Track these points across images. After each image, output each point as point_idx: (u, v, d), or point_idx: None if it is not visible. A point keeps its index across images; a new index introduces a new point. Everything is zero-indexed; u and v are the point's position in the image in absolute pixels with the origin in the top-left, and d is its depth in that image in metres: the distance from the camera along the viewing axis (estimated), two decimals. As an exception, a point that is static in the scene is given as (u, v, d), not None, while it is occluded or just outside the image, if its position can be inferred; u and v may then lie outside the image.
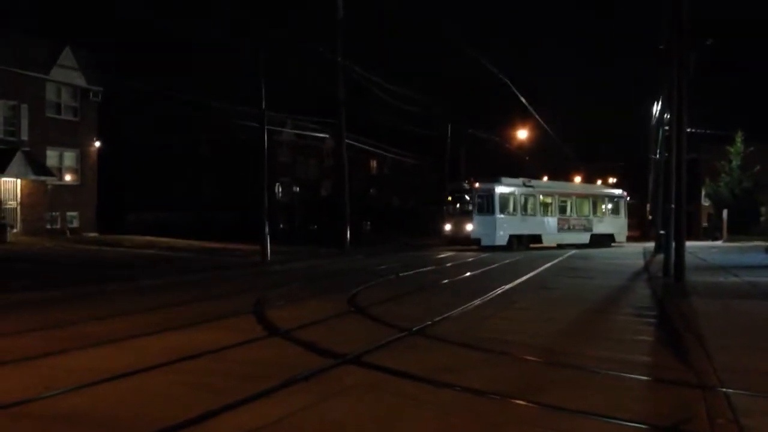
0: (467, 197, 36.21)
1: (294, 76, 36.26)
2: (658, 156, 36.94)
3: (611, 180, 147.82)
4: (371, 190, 62.03)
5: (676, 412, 5.98)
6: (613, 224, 44.48)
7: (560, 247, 39.11)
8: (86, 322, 11.03)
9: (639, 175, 69.79)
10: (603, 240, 42.12)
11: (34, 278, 16.77)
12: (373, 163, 64.56)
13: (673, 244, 17.83)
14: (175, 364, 7.74)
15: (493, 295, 14.97)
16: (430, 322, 10.71)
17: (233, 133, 39.68)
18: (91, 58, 34.81)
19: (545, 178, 57.64)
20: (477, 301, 13.66)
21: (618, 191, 47.69)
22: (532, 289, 16.58)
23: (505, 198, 36.86)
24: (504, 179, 37.36)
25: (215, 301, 14.13)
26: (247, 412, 5.86)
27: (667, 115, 25.28)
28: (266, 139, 24.69)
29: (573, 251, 35.90)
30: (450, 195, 37.91)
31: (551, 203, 40.25)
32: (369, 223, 50.65)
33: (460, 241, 35.73)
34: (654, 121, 38.48)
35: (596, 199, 43.85)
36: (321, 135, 45.29)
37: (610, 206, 44.39)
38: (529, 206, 38.67)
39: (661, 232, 26.01)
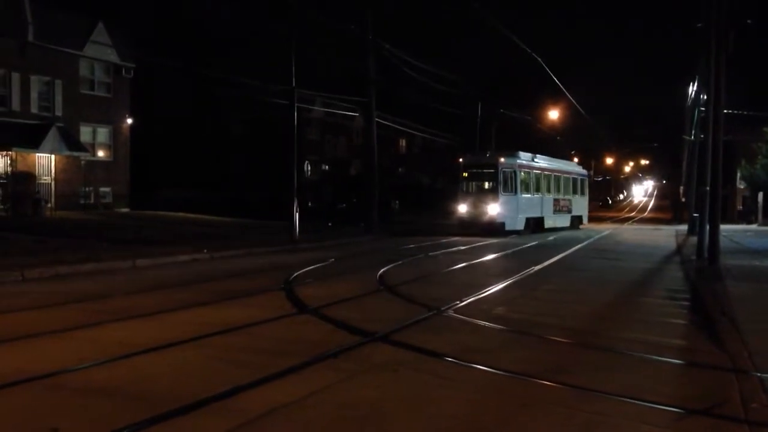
0: (490, 173, 31.09)
1: (324, 54, 36.16)
2: (693, 137, 36.31)
3: (643, 162, 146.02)
4: (400, 169, 61.97)
5: (709, 396, 5.89)
6: (582, 205, 41.24)
7: (548, 230, 34.53)
8: (119, 295, 11.20)
9: (673, 157, 68.82)
10: (575, 222, 39.19)
11: (71, 252, 17.03)
12: (403, 142, 64.46)
13: (707, 227, 17.55)
14: (206, 338, 7.83)
15: (523, 276, 14.88)
16: (459, 302, 10.69)
17: (262, 111, 39.77)
18: (124, 34, 35.04)
19: (575, 160, 56.88)
20: (506, 282, 13.59)
21: (582, 169, 43.66)
22: (561, 271, 16.45)
23: (524, 175, 32.34)
24: (521, 154, 32.97)
25: (245, 277, 14.23)
26: (277, 388, 5.90)
27: (703, 96, 24.78)
28: (296, 117, 24.69)
29: (604, 232, 35.51)
30: (466, 171, 32.27)
31: (550, 182, 35.74)
32: (398, 202, 50.61)
33: (481, 225, 30.47)
34: (690, 101, 37.81)
35: (574, 178, 39.95)
36: (350, 113, 45.21)
37: (580, 186, 40.92)
38: (537, 185, 34.15)
39: (695, 214, 25.62)
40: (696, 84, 33.42)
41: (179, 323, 8.83)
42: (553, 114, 59.28)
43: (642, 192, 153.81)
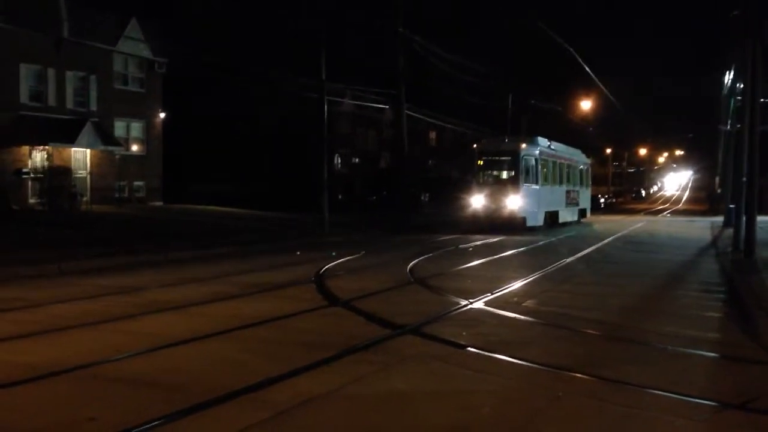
0: (509, 161, 27.57)
1: (354, 47, 36.17)
2: (728, 127, 35.65)
3: (678, 152, 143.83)
4: (430, 162, 61.79)
5: (745, 390, 5.79)
6: (587, 197, 37.73)
7: (561, 225, 30.90)
8: (154, 288, 11.35)
9: (708, 148, 67.70)
10: (580, 215, 35.71)
11: (107, 246, 17.31)
12: (433, 135, 64.20)
13: (744, 219, 17.26)
14: (237, 331, 7.91)
15: (554, 268, 14.77)
16: (489, 294, 10.65)
17: (292, 105, 39.93)
18: (156, 29, 35.38)
19: (608, 151, 56.07)
20: (537, 274, 13.51)
21: (585, 157, 38.77)
22: (592, 264, 16.29)
23: (543, 164, 28.68)
24: (540, 140, 29.41)
25: (276, 270, 14.32)
26: (308, 380, 5.94)
27: (739, 85, 24.32)
28: (326, 110, 24.76)
29: (637, 224, 35.05)
30: (481, 158, 28.51)
31: (563, 172, 32.12)
32: (427, 195, 50.51)
33: (499, 220, 26.87)
34: (725, 90, 37.10)
35: (581, 167, 36.17)
36: (380, 106, 45.18)
37: (586, 176, 37.46)
38: (553, 175, 30.64)
39: (731, 206, 25.19)
40: (732, 73, 32.81)
41: (212, 316, 8.92)
42: (585, 105, 58.59)
43: (676, 183, 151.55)
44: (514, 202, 26.80)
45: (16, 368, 6.13)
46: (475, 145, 29.68)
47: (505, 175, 28.03)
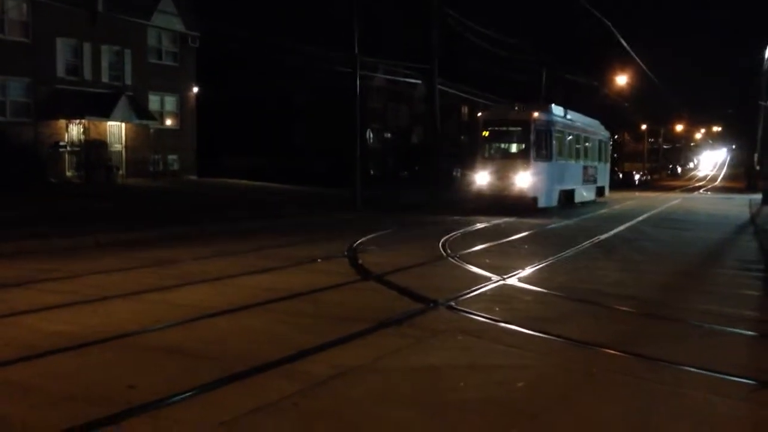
0: (519, 133, 24.27)
1: (387, 20, 35.89)
2: (769, 103, 34.79)
3: (715, 129, 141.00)
4: (462, 137, 61.39)
5: (784, 370, 5.73)
6: (605, 174, 34.35)
7: (577, 205, 27.83)
8: (189, 260, 11.51)
9: (747, 124, 66.36)
10: (598, 194, 32.53)
11: (142, 218, 17.56)
12: (465, 110, 63.70)
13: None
14: (271, 303, 8.00)
15: (587, 245, 14.65)
16: (521, 271, 10.61)
17: (325, 79, 39.87)
18: (189, 3, 35.48)
19: (644, 127, 54.86)
20: (569, 251, 13.41)
21: (605, 129, 35.11)
22: (627, 241, 16.11)
23: (558, 136, 25.26)
24: (554, 108, 26.05)
25: (308, 244, 14.39)
26: (342, 352, 6.00)
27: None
28: (358, 84, 24.64)
29: (672, 202, 34.51)
30: (487, 129, 25.03)
31: (580, 145, 28.83)
32: (460, 170, 50.26)
33: (507, 199, 23.71)
34: (766, 65, 36.20)
35: (600, 140, 32.84)
36: (413, 81, 44.86)
37: (604, 150, 34.25)
38: (569, 149, 27.27)
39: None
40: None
41: (246, 288, 9.03)
42: (621, 79, 57.55)
43: (713, 160, 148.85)
44: (523, 180, 23.64)
45: (56, 337, 6.29)
46: (479, 114, 26.51)
47: (514, 148, 24.98)
